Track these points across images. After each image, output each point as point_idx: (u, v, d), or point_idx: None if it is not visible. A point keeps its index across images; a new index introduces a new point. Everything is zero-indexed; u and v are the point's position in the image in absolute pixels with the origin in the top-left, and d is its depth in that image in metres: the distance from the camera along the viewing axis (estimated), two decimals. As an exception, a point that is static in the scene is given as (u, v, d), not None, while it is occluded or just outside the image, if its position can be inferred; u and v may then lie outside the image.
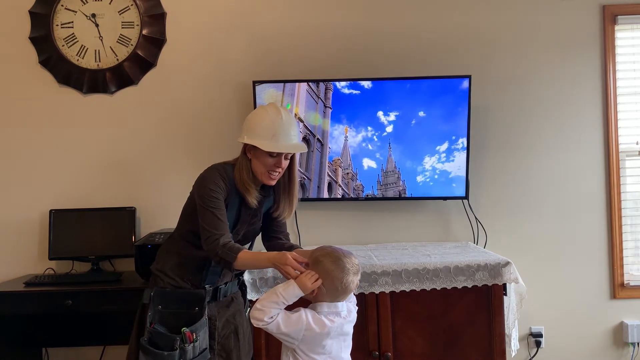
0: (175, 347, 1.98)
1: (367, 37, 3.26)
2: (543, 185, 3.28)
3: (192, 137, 3.24)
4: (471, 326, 2.60)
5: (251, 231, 2.24)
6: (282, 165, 2.09)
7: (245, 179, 2.08)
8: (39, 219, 3.19)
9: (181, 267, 2.13)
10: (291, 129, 2.10)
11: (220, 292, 2.17)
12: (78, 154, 3.23)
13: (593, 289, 3.27)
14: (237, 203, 2.12)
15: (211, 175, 2.08)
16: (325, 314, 1.89)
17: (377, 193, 3.16)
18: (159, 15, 3.22)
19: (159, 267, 2.17)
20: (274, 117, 2.07)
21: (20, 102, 3.22)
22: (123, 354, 3.15)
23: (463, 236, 3.26)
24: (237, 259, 1.94)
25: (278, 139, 2.05)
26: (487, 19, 3.27)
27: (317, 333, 1.87)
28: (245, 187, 2.08)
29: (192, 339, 2.00)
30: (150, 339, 2.01)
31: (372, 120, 3.12)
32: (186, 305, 2.08)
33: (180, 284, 2.11)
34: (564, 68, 3.27)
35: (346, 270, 1.88)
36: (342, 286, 1.88)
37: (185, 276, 2.12)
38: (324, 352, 1.91)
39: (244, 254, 1.96)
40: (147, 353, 1.99)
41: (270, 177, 2.09)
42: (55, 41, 3.19)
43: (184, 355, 1.99)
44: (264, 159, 2.07)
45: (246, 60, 3.24)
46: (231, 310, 2.21)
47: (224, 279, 2.19)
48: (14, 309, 2.77)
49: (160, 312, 2.06)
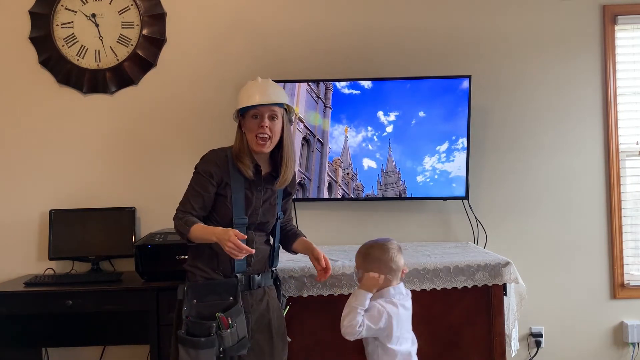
0: (212, 333, 2.01)
1: (367, 36, 3.26)
2: (543, 185, 3.28)
3: (192, 137, 3.23)
4: (471, 326, 2.60)
5: (269, 214, 2.24)
6: (265, 125, 2.12)
7: (238, 151, 2.16)
8: (39, 219, 3.19)
9: (211, 258, 2.16)
10: (268, 89, 2.18)
11: (254, 282, 2.19)
12: (78, 154, 3.23)
13: (593, 289, 3.27)
14: (242, 183, 2.17)
15: (203, 160, 2.20)
16: (393, 296, 2.20)
17: (377, 193, 3.16)
18: (159, 15, 3.22)
19: (190, 262, 2.21)
20: (251, 82, 2.21)
21: (20, 102, 3.22)
22: (123, 354, 3.21)
23: (463, 236, 3.26)
24: (190, 231, 2.06)
25: (255, 98, 2.14)
26: (487, 19, 3.28)
27: (397, 313, 2.15)
28: (239, 160, 2.15)
29: (227, 324, 2.03)
30: (187, 330, 2.05)
31: (372, 120, 3.12)
32: (220, 296, 2.11)
33: (212, 276, 2.15)
34: (564, 68, 3.28)
35: (392, 251, 2.22)
36: (395, 265, 2.20)
37: (217, 267, 2.15)
38: (408, 331, 2.23)
39: (196, 227, 2.06)
40: (185, 343, 2.03)
41: (258, 143, 2.14)
42: (55, 41, 3.19)
43: (222, 341, 2.02)
44: (249, 123, 2.15)
45: (246, 60, 3.24)
46: (264, 305, 2.22)
47: (255, 267, 2.21)
48: (14, 309, 2.77)
49: (195, 306, 2.09)
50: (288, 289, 2.53)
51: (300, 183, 3.14)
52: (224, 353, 2.05)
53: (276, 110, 2.16)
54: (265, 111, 2.14)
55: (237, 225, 2.15)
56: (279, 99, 2.18)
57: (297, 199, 3.15)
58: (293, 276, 2.54)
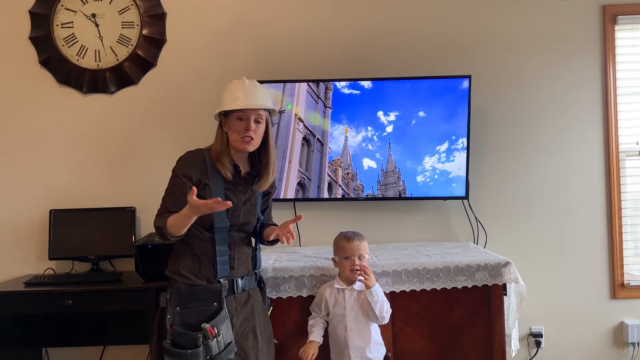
0: (198, 344, 1.99)
1: (367, 36, 3.26)
2: (543, 185, 3.28)
3: (192, 137, 3.21)
4: (471, 326, 2.60)
5: (250, 214, 2.22)
6: (251, 128, 2.11)
7: (219, 152, 2.14)
8: (39, 219, 3.19)
9: (193, 264, 2.13)
10: (255, 91, 2.16)
11: (238, 286, 2.17)
12: (78, 154, 3.23)
13: (593, 289, 3.27)
14: (222, 184, 2.14)
15: (180, 163, 2.18)
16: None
17: (377, 193, 3.16)
18: (159, 15, 3.22)
19: (172, 269, 2.17)
20: (236, 82, 2.18)
21: (20, 102, 3.22)
22: (123, 354, 3.21)
23: (463, 236, 3.26)
24: (167, 224, 2.02)
25: (240, 100, 2.11)
26: (487, 19, 3.28)
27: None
28: (218, 160, 2.13)
29: (214, 334, 2.01)
30: (172, 341, 2.02)
31: (372, 120, 3.12)
32: (204, 302, 2.08)
33: (195, 282, 2.11)
34: (564, 68, 3.27)
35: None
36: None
37: (199, 273, 2.12)
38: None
39: (171, 218, 2.03)
40: (171, 355, 2.00)
41: (244, 141, 2.12)
42: (55, 41, 3.19)
43: (209, 351, 2.00)
44: (234, 125, 2.12)
45: (246, 60, 3.24)
46: (249, 309, 2.20)
47: (238, 271, 2.18)
48: (14, 309, 2.77)
49: (179, 313, 2.06)
50: (288, 289, 2.53)
51: (300, 183, 3.14)
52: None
53: (262, 114, 2.15)
54: (251, 114, 2.12)
55: (218, 230, 2.12)
56: (266, 102, 2.17)
57: (297, 199, 3.15)
58: (293, 276, 2.54)
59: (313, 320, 2.43)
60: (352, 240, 2.40)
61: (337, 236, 2.48)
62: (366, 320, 2.38)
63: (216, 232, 2.12)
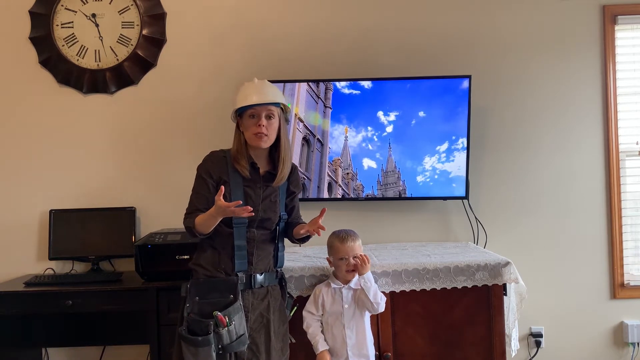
0: (209, 331, 2.06)
1: (367, 36, 3.26)
2: (543, 185, 3.28)
3: (192, 137, 3.23)
4: (471, 326, 2.60)
5: (270, 210, 2.27)
6: (262, 123, 2.19)
7: (235, 151, 2.24)
8: (39, 219, 3.19)
9: (214, 257, 2.22)
10: (265, 88, 2.24)
11: (255, 281, 2.22)
12: (78, 153, 3.23)
13: (593, 289, 3.27)
14: (241, 182, 2.22)
15: (202, 161, 2.29)
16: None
17: (377, 193, 3.16)
18: (159, 15, 3.22)
19: (194, 261, 2.27)
20: (247, 83, 2.29)
21: (20, 102, 3.22)
22: (123, 354, 3.21)
23: (463, 236, 3.26)
24: (195, 223, 2.14)
25: (252, 98, 2.20)
26: (487, 19, 3.28)
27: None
28: (236, 160, 2.22)
29: (225, 323, 2.07)
30: (187, 327, 2.10)
31: (372, 120, 3.12)
32: (221, 293, 2.15)
33: (214, 274, 2.20)
34: (564, 68, 3.27)
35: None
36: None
37: (219, 265, 2.21)
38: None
39: (198, 218, 2.15)
40: (185, 340, 2.09)
41: (257, 137, 2.20)
42: (55, 41, 3.19)
43: (220, 339, 2.07)
44: (247, 123, 2.21)
45: (246, 60, 3.24)
46: (265, 305, 2.24)
47: (257, 267, 2.24)
48: (14, 309, 2.77)
49: (197, 303, 2.14)
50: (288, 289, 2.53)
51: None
52: (223, 350, 2.08)
53: (273, 110, 2.22)
54: (262, 110, 2.20)
55: (237, 226, 2.20)
56: (275, 98, 2.23)
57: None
58: (293, 276, 2.55)
59: (312, 328, 2.41)
60: (345, 241, 2.40)
61: (330, 236, 2.46)
62: (362, 318, 2.39)
63: (235, 228, 2.20)
